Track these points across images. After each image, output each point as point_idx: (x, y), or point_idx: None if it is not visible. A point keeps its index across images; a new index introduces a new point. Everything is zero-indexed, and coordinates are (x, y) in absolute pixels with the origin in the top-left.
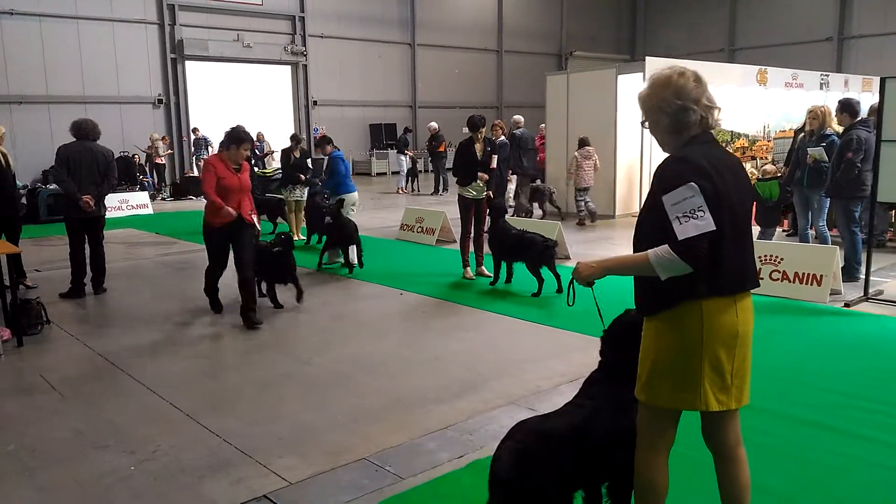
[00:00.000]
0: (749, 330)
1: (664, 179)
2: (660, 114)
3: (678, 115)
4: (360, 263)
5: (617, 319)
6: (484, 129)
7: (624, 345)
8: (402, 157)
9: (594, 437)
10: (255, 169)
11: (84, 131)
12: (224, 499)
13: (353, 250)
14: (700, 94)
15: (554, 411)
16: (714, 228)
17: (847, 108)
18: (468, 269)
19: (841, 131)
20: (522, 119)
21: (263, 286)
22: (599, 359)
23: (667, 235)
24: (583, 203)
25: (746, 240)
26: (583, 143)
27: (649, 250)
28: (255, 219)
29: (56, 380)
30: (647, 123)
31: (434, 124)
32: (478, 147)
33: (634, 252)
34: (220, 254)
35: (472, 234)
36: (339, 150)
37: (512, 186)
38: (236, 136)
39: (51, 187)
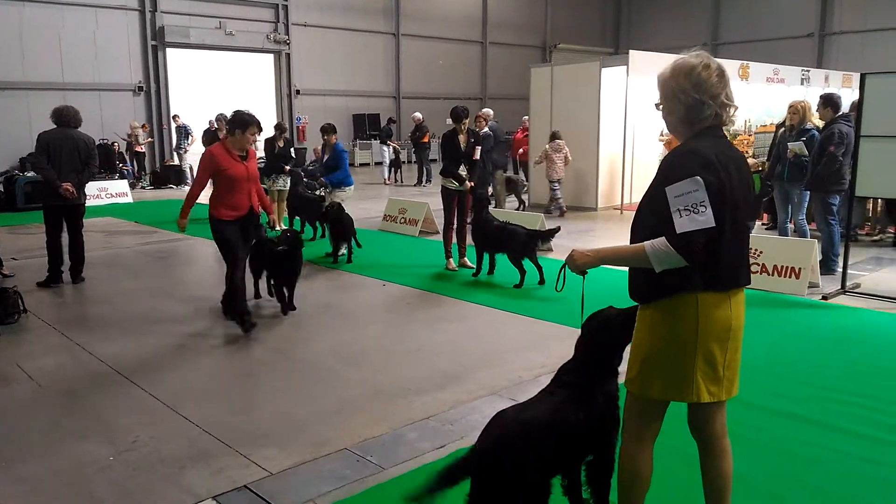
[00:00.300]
0: (741, 324)
1: (670, 170)
2: (675, 102)
3: (693, 108)
4: (349, 259)
5: (596, 313)
6: (467, 121)
7: (598, 338)
8: (385, 148)
9: (569, 424)
10: None
11: (65, 118)
12: (204, 489)
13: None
14: (719, 91)
15: (529, 400)
16: (713, 225)
17: (829, 102)
18: (451, 260)
19: (821, 125)
20: (492, 112)
21: (262, 282)
22: (574, 350)
23: (665, 227)
24: (559, 192)
25: (745, 236)
26: (554, 136)
27: (646, 242)
28: (260, 208)
29: (33, 369)
30: (661, 107)
31: (418, 115)
32: (461, 138)
33: (632, 238)
34: (236, 248)
35: (455, 226)
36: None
37: None
38: (241, 120)
39: (28, 175)
